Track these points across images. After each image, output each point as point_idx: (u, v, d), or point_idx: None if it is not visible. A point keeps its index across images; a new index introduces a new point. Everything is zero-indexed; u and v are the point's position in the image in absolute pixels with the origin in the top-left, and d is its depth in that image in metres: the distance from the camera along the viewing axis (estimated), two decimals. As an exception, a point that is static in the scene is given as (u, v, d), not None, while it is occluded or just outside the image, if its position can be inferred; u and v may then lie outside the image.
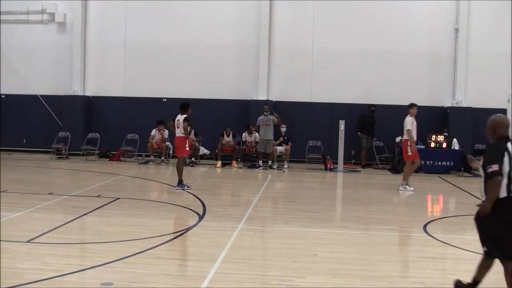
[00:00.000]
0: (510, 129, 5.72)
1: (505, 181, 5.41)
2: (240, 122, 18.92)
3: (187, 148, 12.93)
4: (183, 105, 13.05)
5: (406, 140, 13.53)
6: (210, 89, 19.74)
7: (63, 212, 9.79)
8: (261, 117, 17.69)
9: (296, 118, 19.38)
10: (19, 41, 20.58)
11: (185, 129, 12.68)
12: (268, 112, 17.67)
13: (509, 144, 5.50)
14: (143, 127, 18.94)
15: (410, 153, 13.50)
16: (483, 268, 5.77)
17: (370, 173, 17.42)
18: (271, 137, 17.63)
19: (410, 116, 13.57)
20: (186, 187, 12.56)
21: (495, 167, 5.39)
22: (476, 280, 5.79)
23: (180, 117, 12.83)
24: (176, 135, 13.03)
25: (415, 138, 13.67)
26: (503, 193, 5.45)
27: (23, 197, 11.04)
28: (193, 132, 18.00)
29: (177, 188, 12.56)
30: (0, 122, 20.09)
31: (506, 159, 5.40)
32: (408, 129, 13.42)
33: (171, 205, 10.84)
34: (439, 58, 19.30)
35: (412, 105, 13.73)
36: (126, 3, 20.15)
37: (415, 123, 13.62)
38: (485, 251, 5.67)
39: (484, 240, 5.66)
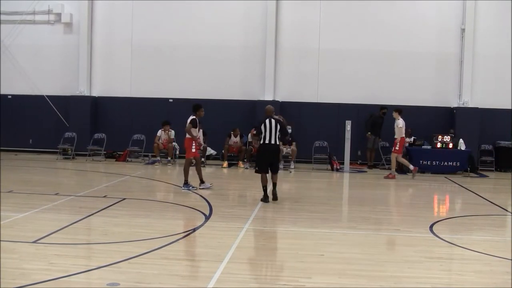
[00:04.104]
0: (273, 112, 11.54)
1: (263, 135, 11.03)
2: (247, 123, 18.89)
3: (194, 150, 12.88)
4: (193, 106, 13.07)
5: None
6: (217, 89, 19.79)
7: (69, 212, 9.80)
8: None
9: (302, 118, 19.37)
10: (26, 42, 20.68)
11: (187, 130, 12.71)
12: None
13: (267, 119, 11.14)
14: (149, 128, 18.98)
15: None
16: (265, 180, 11.08)
17: (377, 173, 17.37)
18: (277, 137, 17.62)
19: None
20: (191, 187, 12.59)
21: (252, 131, 11.90)
22: (266, 186, 11.13)
23: (189, 119, 12.88)
24: (186, 136, 13.08)
25: None
26: (262, 141, 11.08)
27: (29, 198, 11.06)
28: (201, 131, 18.01)
29: (183, 188, 12.60)
30: (0, 122, 20.25)
31: (262, 127, 11.07)
32: None
33: (178, 206, 10.85)
34: (446, 59, 19.25)
35: None
36: (133, 3, 20.21)
37: None
38: (256, 170, 11.27)
39: (257, 165, 11.40)
